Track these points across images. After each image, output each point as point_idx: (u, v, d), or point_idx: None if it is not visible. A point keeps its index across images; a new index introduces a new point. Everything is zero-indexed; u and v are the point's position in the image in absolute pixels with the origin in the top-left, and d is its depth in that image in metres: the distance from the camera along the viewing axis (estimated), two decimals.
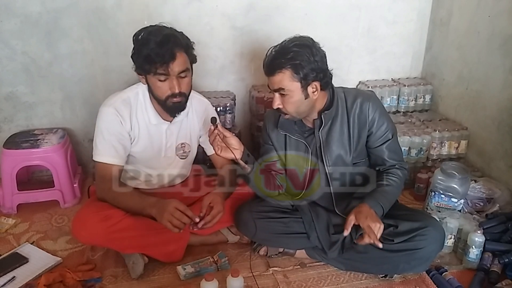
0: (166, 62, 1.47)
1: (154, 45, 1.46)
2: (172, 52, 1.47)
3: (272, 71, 1.50)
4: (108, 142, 1.60)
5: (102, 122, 1.61)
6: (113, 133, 1.60)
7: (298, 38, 1.52)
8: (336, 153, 1.65)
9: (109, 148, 1.60)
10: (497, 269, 1.68)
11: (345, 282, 1.67)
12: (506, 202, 2.03)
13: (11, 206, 2.10)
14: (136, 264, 1.64)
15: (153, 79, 1.53)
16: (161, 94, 1.55)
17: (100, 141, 1.61)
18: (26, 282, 1.60)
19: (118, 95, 1.65)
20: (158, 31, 1.50)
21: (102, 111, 1.62)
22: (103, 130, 1.60)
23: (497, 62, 2.18)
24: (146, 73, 1.53)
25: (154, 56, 1.46)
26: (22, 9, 2.12)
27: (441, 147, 2.35)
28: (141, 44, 1.50)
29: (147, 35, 1.49)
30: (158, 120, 1.67)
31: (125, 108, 1.62)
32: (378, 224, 1.45)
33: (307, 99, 1.53)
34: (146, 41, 1.48)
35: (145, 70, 1.52)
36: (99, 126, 1.62)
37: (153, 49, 1.46)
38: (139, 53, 1.50)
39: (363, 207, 1.52)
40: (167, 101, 1.56)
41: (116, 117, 1.60)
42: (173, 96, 1.54)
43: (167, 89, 1.53)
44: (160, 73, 1.49)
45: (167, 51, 1.46)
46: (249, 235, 1.77)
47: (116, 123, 1.60)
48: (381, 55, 2.66)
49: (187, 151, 1.80)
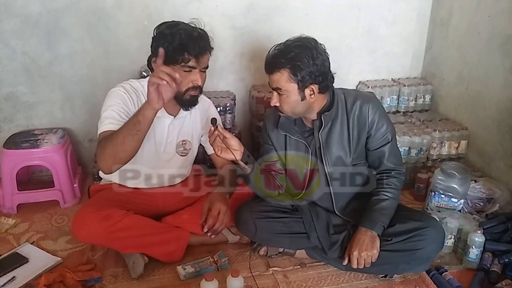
0: (199, 54, 1.51)
1: (189, 38, 1.49)
2: (205, 47, 1.53)
3: (271, 70, 1.51)
4: (114, 112, 1.54)
5: (110, 99, 1.57)
6: (121, 106, 1.56)
7: (301, 39, 1.51)
8: (336, 155, 1.65)
9: (115, 116, 1.54)
10: (497, 269, 1.68)
11: (345, 282, 1.67)
12: (506, 202, 2.03)
13: (11, 206, 2.10)
14: (136, 264, 1.64)
15: (177, 70, 1.48)
16: (183, 86, 1.55)
17: (106, 114, 1.54)
18: (26, 282, 1.60)
19: (127, 82, 1.64)
20: (190, 26, 1.55)
21: (112, 91, 1.60)
22: (110, 104, 1.56)
23: (497, 62, 2.18)
24: (173, 63, 1.50)
25: (190, 47, 1.49)
26: (22, 9, 2.12)
27: (441, 147, 2.35)
28: (173, 34, 1.50)
29: (180, 27, 1.52)
30: (162, 113, 1.66)
31: (134, 93, 1.62)
32: (364, 254, 1.54)
33: (304, 101, 1.53)
34: (179, 32, 1.50)
35: (174, 60, 1.50)
36: (106, 102, 1.57)
37: (189, 41, 1.49)
38: (171, 42, 1.49)
39: (358, 234, 1.58)
40: (185, 94, 1.57)
41: (125, 94, 1.59)
42: (194, 88, 1.57)
43: (189, 81, 1.55)
44: (190, 65, 1.52)
45: (203, 45, 1.52)
46: (249, 235, 1.77)
47: (125, 98, 1.58)
48: (381, 55, 2.66)
49: (188, 148, 1.80)
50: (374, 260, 1.55)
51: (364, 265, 1.55)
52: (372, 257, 1.54)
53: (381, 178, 1.67)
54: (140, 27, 2.25)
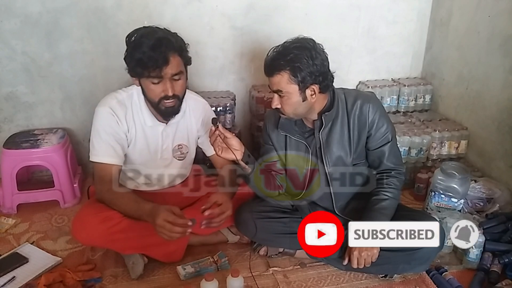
0: (159, 66, 1.45)
1: (146, 49, 1.43)
2: (165, 56, 1.44)
3: (271, 72, 1.51)
4: (105, 141, 1.58)
5: (98, 122, 1.59)
6: (110, 132, 1.59)
7: (299, 40, 1.51)
8: (337, 155, 1.65)
9: (107, 148, 1.59)
10: (497, 269, 1.68)
11: (345, 282, 1.67)
12: (506, 202, 2.03)
13: (11, 206, 2.10)
14: (136, 264, 1.64)
15: (146, 82, 1.50)
16: (154, 97, 1.53)
17: (97, 141, 1.59)
18: (26, 282, 1.60)
19: (113, 95, 1.63)
20: (150, 33, 1.47)
21: (98, 111, 1.60)
22: (99, 130, 1.59)
23: (497, 62, 2.18)
24: (139, 76, 1.51)
25: (146, 60, 1.43)
26: (22, 9, 2.12)
27: (441, 147, 2.35)
28: (133, 47, 1.47)
29: (140, 38, 1.47)
30: (153, 122, 1.66)
31: (121, 109, 1.61)
32: (364, 253, 1.54)
33: (305, 102, 1.53)
34: (139, 44, 1.45)
35: (137, 73, 1.50)
36: (95, 126, 1.60)
37: (146, 53, 1.43)
38: (132, 56, 1.47)
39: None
40: (159, 104, 1.54)
41: (113, 116, 1.59)
42: (166, 99, 1.52)
43: (160, 92, 1.51)
44: (153, 76, 1.47)
45: (160, 55, 1.43)
46: (249, 235, 1.77)
47: (112, 122, 1.59)
48: (381, 55, 2.66)
49: (185, 152, 1.79)
50: (374, 260, 1.55)
51: (364, 265, 1.56)
52: (372, 257, 1.54)
53: (381, 178, 1.67)
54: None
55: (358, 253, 1.55)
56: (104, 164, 1.59)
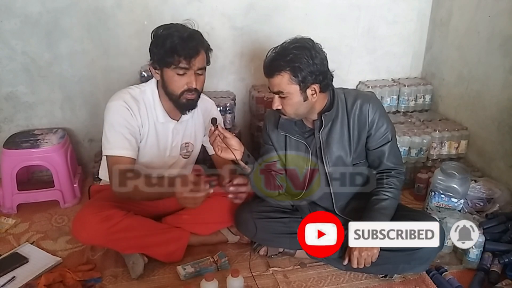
0: (191, 55, 1.50)
1: (179, 40, 1.49)
2: (197, 48, 1.52)
3: (271, 74, 1.51)
4: (120, 134, 1.57)
5: (112, 115, 1.58)
6: (124, 125, 1.58)
7: (298, 40, 1.51)
8: (337, 154, 1.65)
9: (122, 140, 1.57)
10: (497, 269, 1.68)
11: (345, 282, 1.67)
12: (506, 202, 2.03)
13: (11, 206, 2.10)
14: (136, 264, 1.64)
15: (171, 73, 1.53)
16: (177, 89, 1.55)
17: (111, 134, 1.57)
18: (26, 282, 1.60)
19: (126, 91, 1.64)
20: (183, 27, 1.55)
21: (111, 105, 1.60)
22: (113, 123, 1.57)
23: (497, 62, 2.18)
24: (165, 66, 1.53)
25: (179, 49, 1.48)
26: (22, 9, 2.12)
27: (441, 147, 2.35)
28: (165, 37, 1.51)
29: (173, 30, 1.52)
30: (165, 118, 1.67)
31: (135, 104, 1.61)
32: (364, 253, 1.54)
33: (306, 101, 1.53)
34: (171, 34, 1.50)
35: (165, 63, 1.52)
36: (109, 120, 1.59)
37: (179, 43, 1.48)
38: (162, 46, 1.50)
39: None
40: (181, 97, 1.57)
41: (127, 110, 1.59)
42: (189, 91, 1.56)
43: (184, 84, 1.54)
44: (182, 67, 1.51)
45: (192, 46, 1.50)
46: (249, 235, 1.77)
47: (127, 115, 1.59)
48: (381, 55, 2.66)
49: (190, 150, 1.81)
50: (374, 260, 1.55)
51: (364, 265, 1.56)
52: (372, 256, 1.54)
53: (381, 177, 1.67)
54: (140, 27, 2.25)
55: (358, 253, 1.55)
56: (119, 157, 1.56)
